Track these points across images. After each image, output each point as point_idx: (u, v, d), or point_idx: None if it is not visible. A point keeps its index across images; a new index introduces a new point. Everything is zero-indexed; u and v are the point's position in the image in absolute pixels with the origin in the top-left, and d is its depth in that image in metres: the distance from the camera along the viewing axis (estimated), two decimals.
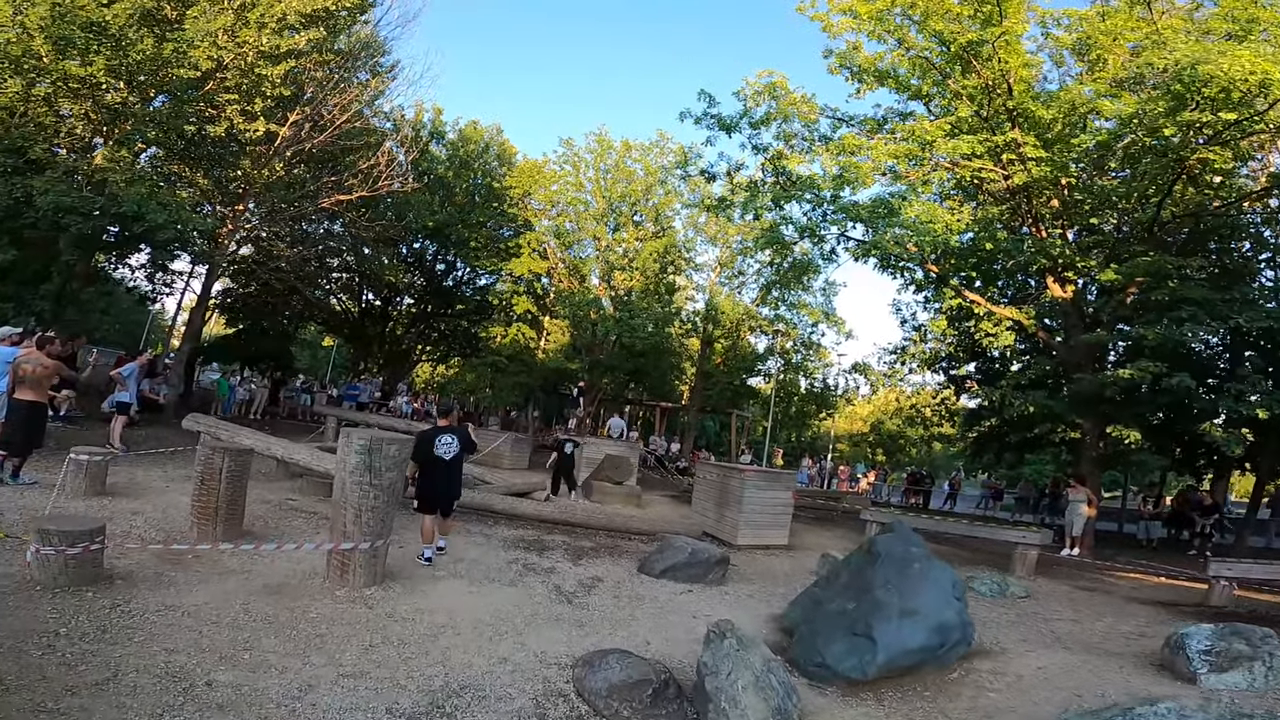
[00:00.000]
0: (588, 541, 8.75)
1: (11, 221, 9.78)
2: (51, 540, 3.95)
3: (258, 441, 8.34)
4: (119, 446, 9.71)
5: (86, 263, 11.79)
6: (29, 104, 10.65)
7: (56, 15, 9.74)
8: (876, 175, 14.73)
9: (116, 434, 9.96)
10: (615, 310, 25.27)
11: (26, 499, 6.26)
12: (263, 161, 13.33)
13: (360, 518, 4.89)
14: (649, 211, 28.04)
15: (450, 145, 26.58)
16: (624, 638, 5.04)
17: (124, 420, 10.31)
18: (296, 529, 6.82)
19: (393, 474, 5.02)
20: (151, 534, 5.76)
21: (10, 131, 10.44)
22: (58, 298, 10.83)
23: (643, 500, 13.44)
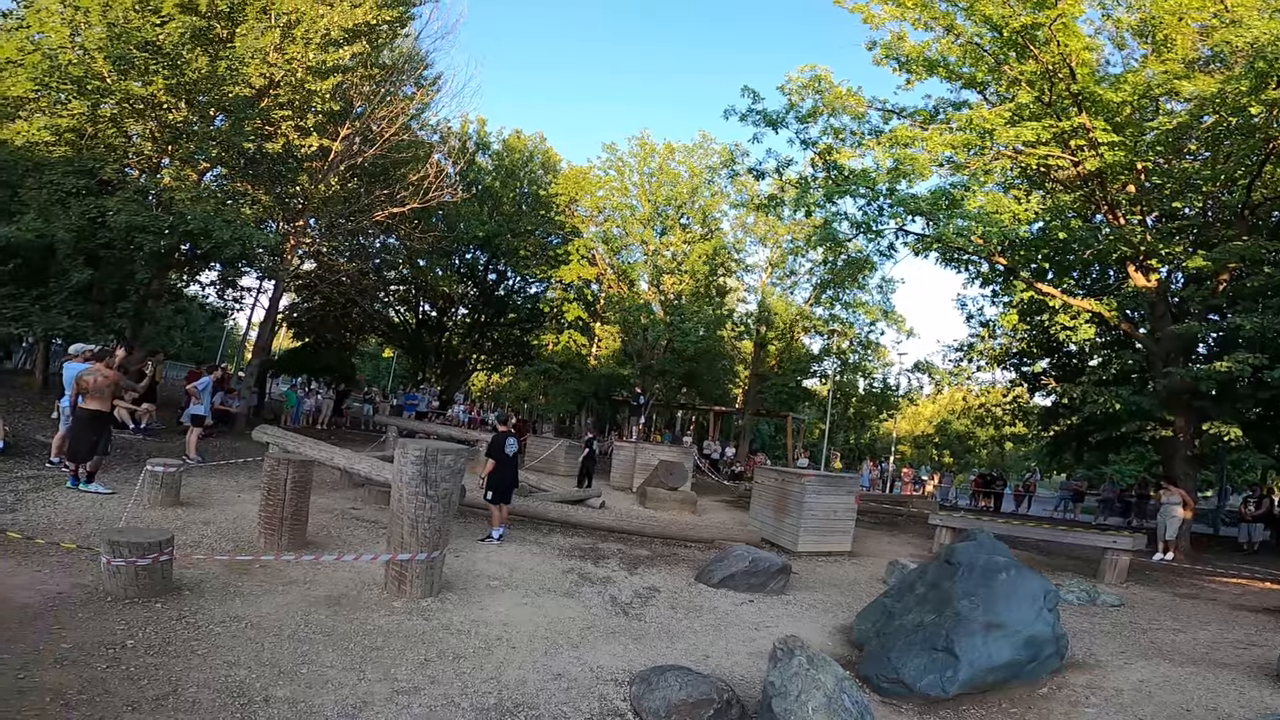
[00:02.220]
0: (643, 550, 8.60)
1: (87, 242, 10.34)
2: (122, 551, 4.06)
3: (321, 452, 8.54)
4: (194, 457, 10.14)
5: (160, 280, 12.40)
6: (97, 125, 11.22)
7: (113, 35, 10.19)
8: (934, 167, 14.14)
9: (192, 445, 10.42)
10: (665, 314, 25.14)
11: (105, 509, 6.55)
12: (319, 176, 13.78)
13: (417, 529, 4.88)
14: (696, 214, 27.81)
15: (495, 155, 27.03)
16: (682, 652, 4.87)
17: (199, 432, 10.76)
18: (358, 538, 6.92)
19: (448, 485, 5.00)
20: (221, 543, 5.92)
21: (81, 153, 11.02)
22: (135, 315, 11.40)
23: (698, 506, 13.20)
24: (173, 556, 4.34)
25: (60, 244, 9.95)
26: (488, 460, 7.67)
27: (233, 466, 9.76)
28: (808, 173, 16.82)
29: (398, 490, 4.96)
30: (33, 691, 2.90)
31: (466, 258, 27.55)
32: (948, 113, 14.81)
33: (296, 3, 11.69)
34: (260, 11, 11.46)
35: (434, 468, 4.90)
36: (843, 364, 26.16)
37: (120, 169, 11.32)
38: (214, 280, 14.34)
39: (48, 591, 4.08)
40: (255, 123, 11.91)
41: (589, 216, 28.19)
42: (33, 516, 5.98)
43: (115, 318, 10.90)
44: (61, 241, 9.88)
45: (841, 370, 26.05)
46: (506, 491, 7.84)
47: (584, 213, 28.05)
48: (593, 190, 27.67)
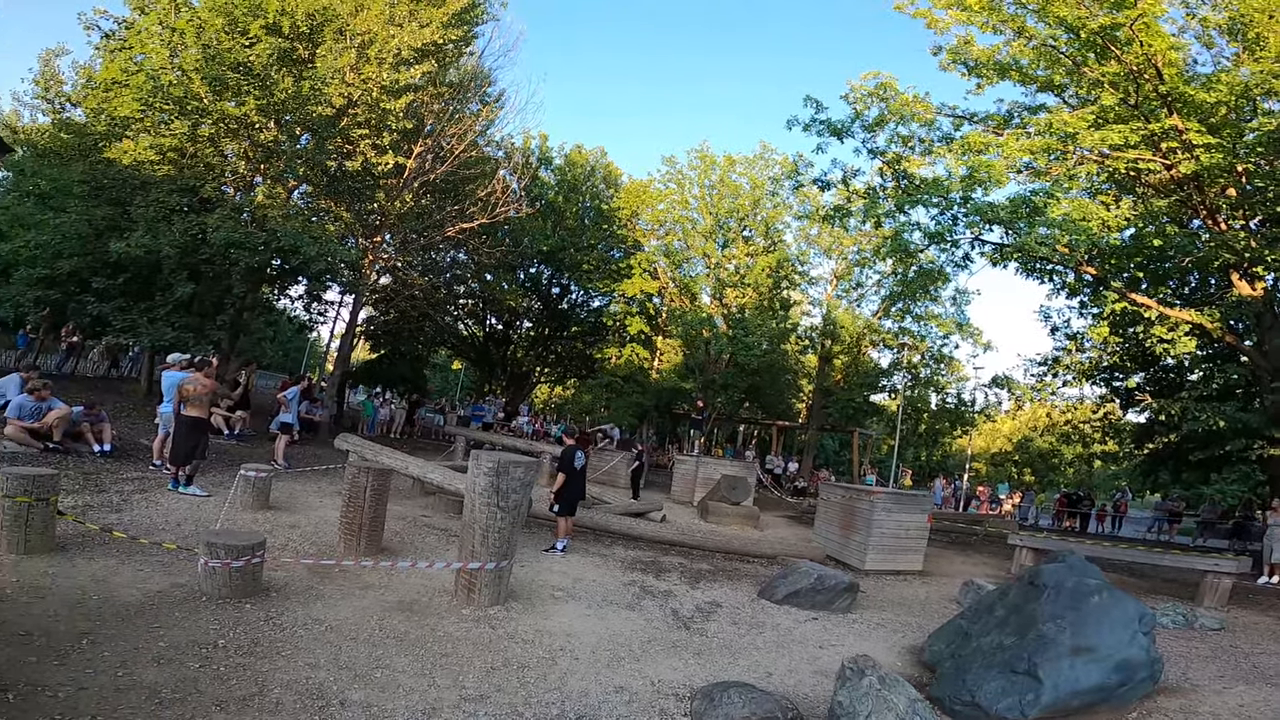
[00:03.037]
0: (705, 564, 8.54)
1: (190, 257, 11.19)
2: (218, 553, 4.37)
3: (397, 461, 8.92)
4: (282, 463, 10.77)
5: (254, 294, 13.29)
6: (196, 144, 12.09)
7: (208, 57, 10.94)
8: (1011, 173, 13.56)
9: (280, 452, 11.06)
10: (728, 328, 24.96)
11: (201, 511, 7.05)
12: (394, 193, 14.46)
13: (487, 538, 5.03)
14: (758, 226, 27.58)
15: (558, 170, 27.48)
16: (744, 668, 4.81)
17: (287, 439, 11.43)
18: (429, 545, 7.18)
19: (518, 496, 5.13)
20: (305, 547, 6.27)
21: (183, 172, 11.90)
22: (232, 327, 12.26)
23: (760, 521, 13.00)
24: (264, 559, 4.63)
25: (166, 260, 10.80)
26: (559, 475, 7.83)
27: (316, 473, 10.30)
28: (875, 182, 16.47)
29: (470, 501, 5.13)
30: (131, 690, 3.11)
31: (531, 272, 28.18)
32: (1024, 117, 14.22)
33: (370, 24, 12.34)
34: (337, 33, 12.17)
35: (505, 480, 5.04)
36: (913, 379, 25.24)
37: (218, 187, 12.20)
38: (301, 294, 15.23)
39: (148, 590, 4.43)
40: (336, 141, 12.61)
41: (650, 230, 28.40)
42: (137, 517, 6.50)
43: (214, 329, 11.74)
44: (168, 257, 10.72)
45: (912, 385, 25.13)
46: (573, 504, 8.00)
47: (645, 226, 28.27)
48: (653, 203, 27.87)
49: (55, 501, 4.92)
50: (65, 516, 5.09)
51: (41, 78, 12.68)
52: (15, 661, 3.16)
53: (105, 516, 6.27)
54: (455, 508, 9.16)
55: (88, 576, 4.52)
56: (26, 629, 3.53)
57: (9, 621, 3.56)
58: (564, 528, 7.90)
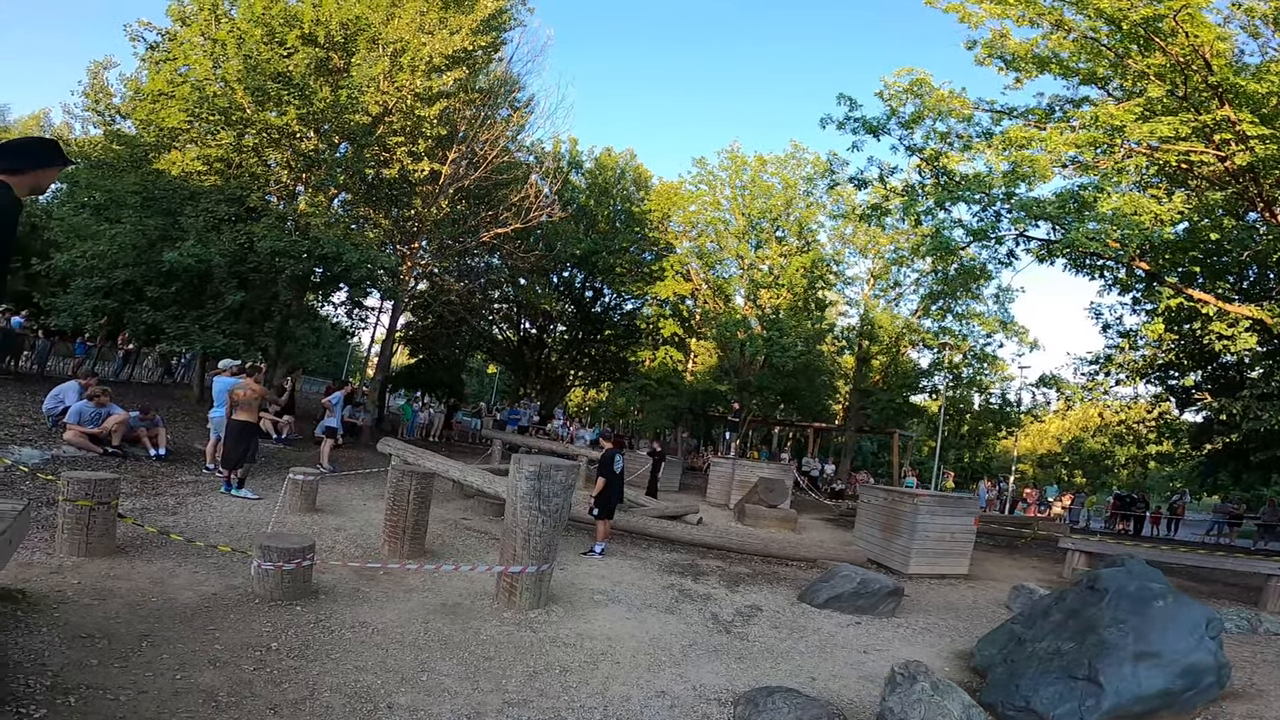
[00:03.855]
0: (743, 567, 8.46)
1: (239, 265, 11.57)
2: (271, 556, 4.49)
3: (438, 464, 9.06)
4: (327, 466, 11.03)
5: (299, 301, 13.68)
6: (241, 155, 12.46)
7: (249, 67, 11.26)
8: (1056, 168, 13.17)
9: (325, 455, 11.35)
10: (763, 329, 24.73)
11: (253, 514, 7.27)
12: (430, 200, 14.73)
13: (529, 542, 5.07)
14: (791, 226, 27.27)
15: (588, 174, 27.55)
16: (786, 673, 4.74)
17: (331, 443, 11.72)
18: (469, 548, 7.27)
19: (559, 499, 5.16)
20: (351, 549, 6.41)
21: (230, 182, 12.29)
22: (279, 334, 12.64)
23: (798, 524, 12.84)
24: (313, 562, 4.75)
25: (217, 268, 11.19)
26: (599, 478, 7.87)
27: (360, 476, 10.53)
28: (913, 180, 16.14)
29: (511, 504, 5.18)
30: (188, 693, 3.19)
31: (564, 275, 28.37)
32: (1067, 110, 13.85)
33: (401, 32, 12.59)
34: (370, 41, 12.46)
35: (546, 483, 5.07)
36: (955, 379, 24.63)
37: (263, 196, 12.58)
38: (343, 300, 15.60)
39: (204, 592, 4.57)
40: (374, 149, 12.88)
41: (682, 232, 28.31)
42: (192, 519, 6.73)
43: (263, 336, 12.12)
44: (218, 265, 11.11)
45: (954, 385, 24.53)
46: (612, 507, 8.01)
47: (677, 228, 28.19)
48: (685, 205, 27.78)
49: (115, 505, 5.12)
50: (125, 520, 5.30)
51: (91, 90, 13.22)
52: (77, 664, 3.27)
53: (162, 519, 6.50)
54: (494, 510, 9.27)
55: (147, 578, 4.70)
56: (88, 631, 3.67)
57: (71, 623, 3.71)
58: (602, 531, 7.91)
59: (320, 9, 12.01)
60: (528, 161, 19.97)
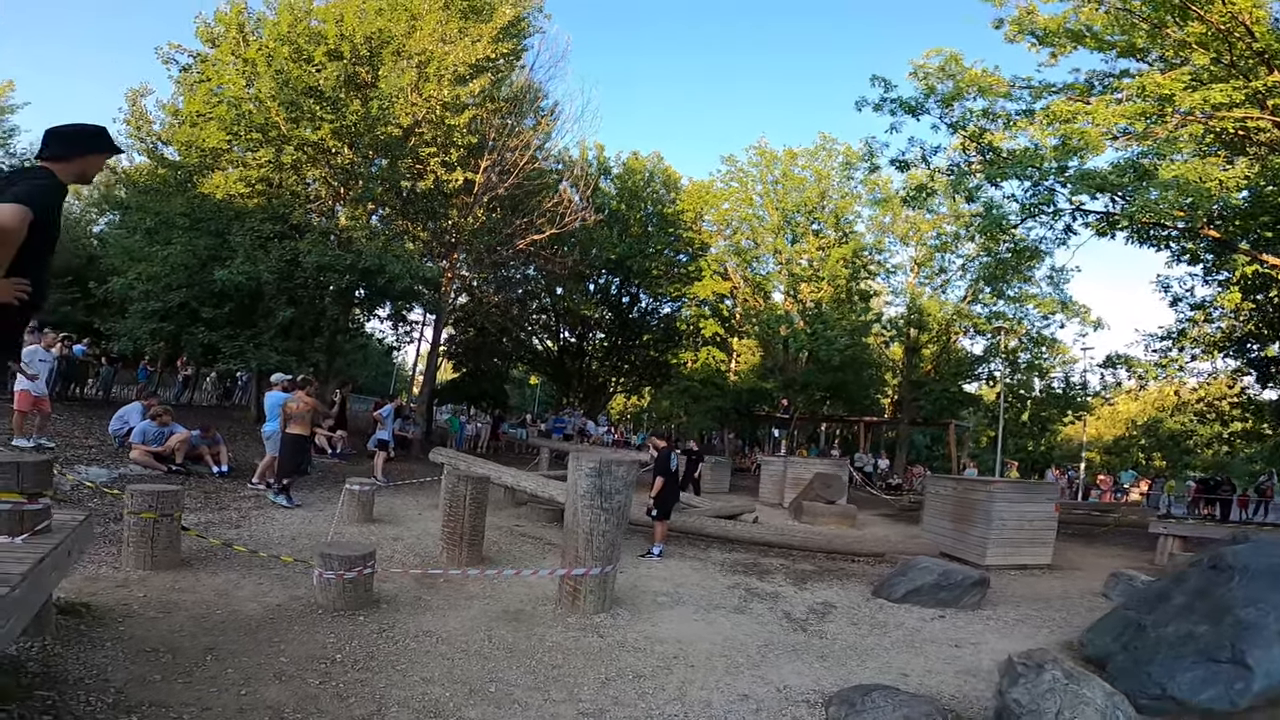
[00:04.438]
0: (808, 564, 8.12)
1: (287, 282, 11.78)
2: (332, 565, 4.39)
3: (490, 470, 8.98)
4: (381, 479, 11.08)
5: (345, 316, 13.86)
6: (281, 173, 12.68)
7: (280, 84, 11.43)
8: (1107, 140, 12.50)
9: (379, 468, 11.41)
10: (805, 324, 24.18)
11: (313, 525, 7.27)
12: (466, 210, 14.77)
13: (591, 542, 4.87)
14: (827, 218, 26.70)
15: (617, 179, 27.41)
16: (875, 670, 4.43)
17: (384, 456, 11.78)
18: (525, 554, 7.11)
19: (621, 496, 4.95)
20: (409, 558, 6.32)
21: (272, 201, 12.53)
22: (328, 349, 12.81)
23: (857, 520, 12.37)
24: (374, 570, 4.63)
25: (266, 285, 11.41)
26: (656, 478, 7.64)
27: (412, 487, 10.54)
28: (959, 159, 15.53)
29: (572, 504, 4.99)
30: (254, 709, 3.06)
31: (600, 282, 28.34)
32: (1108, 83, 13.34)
33: (423, 43, 12.72)
34: (394, 54, 12.62)
35: (608, 480, 4.87)
36: (1011, 364, 23.60)
37: (305, 213, 12.81)
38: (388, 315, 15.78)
39: (268, 603, 4.50)
40: (408, 162, 12.98)
41: (717, 231, 27.99)
42: (255, 532, 6.75)
43: (313, 351, 12.30)
44: (267, 283, 11.32)
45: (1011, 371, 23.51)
46: (669, 508, 7.80)
47: (711, 227, 27.89)
48: (717, 203, 27.47)
49: (179, 517, 5.12)
50: (189, 532, 5.30)
51: (131, 117, 13.67)
52: (142, 680, 3.18)
53: (226, 532, 6.53)
54: (548, 517, 9.13)
55: (212, 590, 4.66)
56: (153, 645, 3.60)
57: (136, 637, 3.65)
58: (661, 532, 7.68)
59: (343, 24, 12.18)
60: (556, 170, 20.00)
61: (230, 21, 12.67)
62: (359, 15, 12.41)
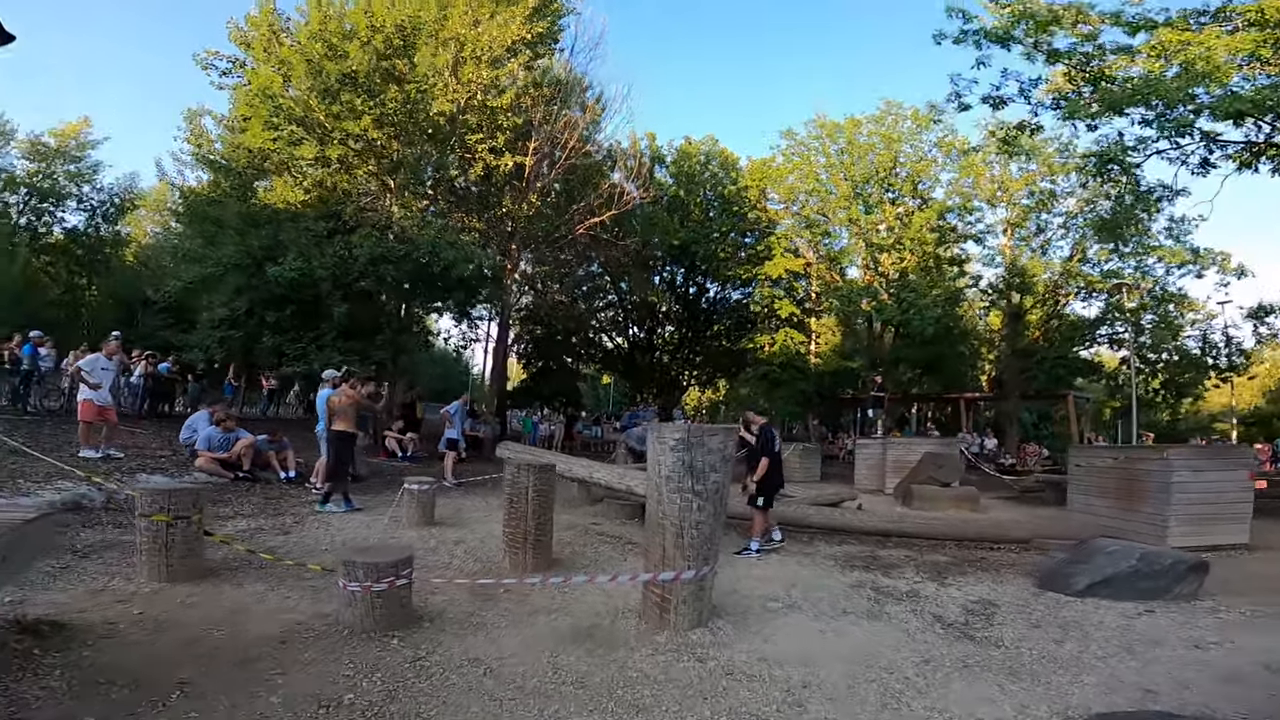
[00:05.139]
0: (938, 555, 6.78)
1: (343, 277, 11.45)
2: (356, 574, 3.51)
3: (559, 460, 8.09)
4: (451, 480, 10.44)
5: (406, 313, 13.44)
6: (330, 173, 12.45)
7: (313, 72, 11.16)
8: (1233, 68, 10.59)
9: (449, 469, 10.78)
10: (889, 297, 22.27)
11: (370, 531, 6.56)
12: (519, 196, 14.16)
13: (682, 538, 3.78)
14: (903, 185, 24.62)
15: (674, 165, 26.67)
16: (1098, 687, 3.24)
17: (454, 456, 11.16)
18: (602, 556, 6.11)
19: (718, 476, 3.86)
20: (469, 565, 5.44)
21: (325, 200, 12.29)
22: (391, 345, 12.41)
23: (980, 503, 10.76)
24: (411, 579, 3.73)
25: (322, 282, 11.09)
26: (761, 459, 6.40)
27: (483, 487, 9.83)
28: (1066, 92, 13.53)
29: (655, 489, 3.92)
30: None
31: (665, 275, 27.51)
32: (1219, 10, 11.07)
33: (456, 28, 12.30)
34: (428, 39, 12.25)
35: (700, 454, 3.77)
36: (1134, 325, 20.79)
37: (358, 209, 12.50)
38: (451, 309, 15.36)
39: (287, 621, 3.68)
40: (456, 150, 12.51)
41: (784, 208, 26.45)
42: (304, 538, 6.09)
43: (375, 350, 11.92)
44: (322, 279, 11.00)
45: (1136, 334, 20.70)
46: (773, 495, 6.60)
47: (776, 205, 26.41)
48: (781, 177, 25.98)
49: (200, 521, 4.42)
50: (215, 538, 4.60)
51: (191, 135, 13.78)
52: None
53: (272, 539, 5.90)
54: (627, 513, 8.14)
55: (227, 605, 3.90)
56: (114, 675, 2.81)
57: (99, 665, 2.87)
58: (761, 524, 6.48)
59: (373, 15, 11.90)
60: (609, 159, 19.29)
61: (261, 24, 12.58)
62: (389, 4, 12.14)
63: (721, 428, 3.94)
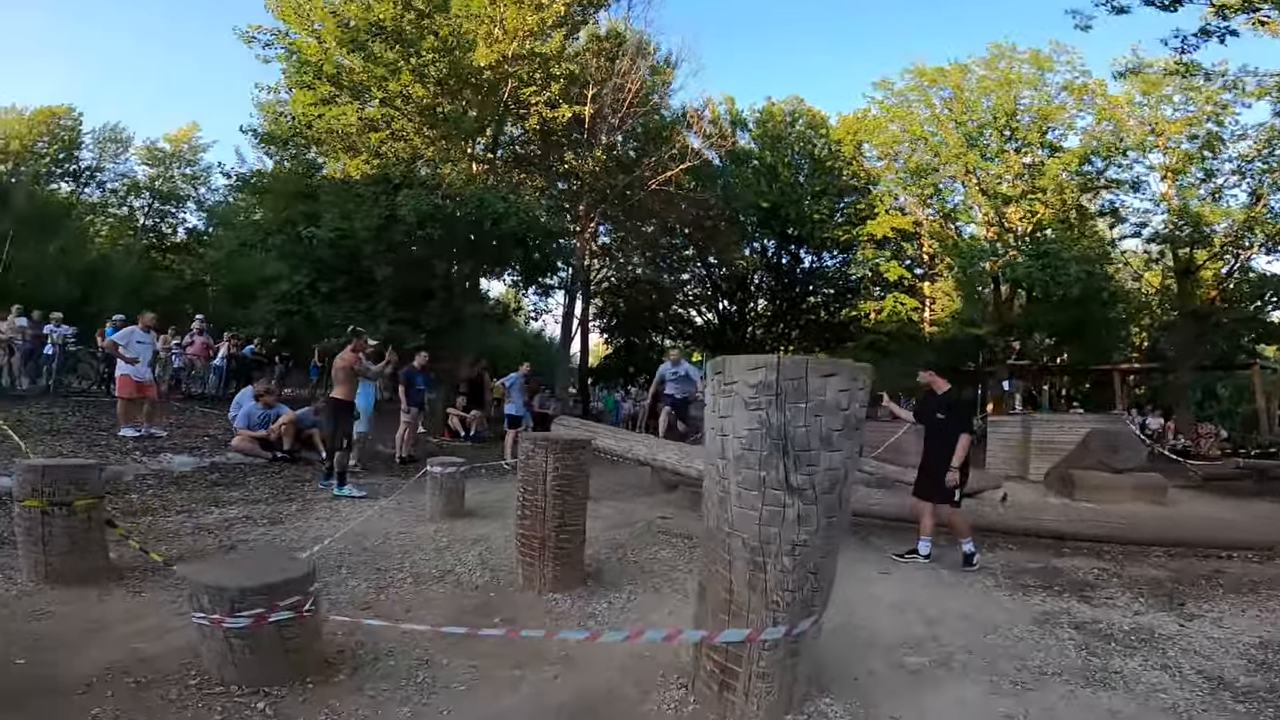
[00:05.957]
0: (1145, 567, 4.83)
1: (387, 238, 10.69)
2: (204, 601, 2.12)
3: (618, 443, 6.61)
4: (511, 461, 9.23)
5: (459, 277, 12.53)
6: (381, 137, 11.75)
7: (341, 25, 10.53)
8: None
9: (509, 449, 9.57)
10: (1019, 255, 19.15)
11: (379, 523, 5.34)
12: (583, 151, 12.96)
13: (763, 570, 2.11)
14: (1029, 132, 21.14)
15: (757, 128, 24.91)
16: None
17: (513, 435, 9.98)
18: (659, 569, 4.41)
19: (839, 455, 2.12)
20: (476, 574, 4.03)
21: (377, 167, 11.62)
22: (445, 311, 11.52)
23: (1168, 493, 8.35)
24: (312, 610, 2.32)
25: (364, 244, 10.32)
26: (960, 435, 4.68)
27: None
28: None
29: (714, 479, 2.27)
30: None
31: (755, 244, 25.58)
32: None
33: None
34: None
35: (800, 411, 2.05)
36: None
37: (407, 170, 11.71)
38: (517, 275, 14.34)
39: (148, 655, 2.38)
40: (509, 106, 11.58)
41: (885, 164, 23.61)
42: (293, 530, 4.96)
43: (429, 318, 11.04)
44: (364, 240, 10.18)
45: None
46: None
47: (876, 163, 23.64)
48: (880, 127, 23.17)
49: (91, 507, 3.23)
50: (117, 530, 3.43)
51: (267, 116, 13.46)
52: None
53: (251, 531, 4.81)
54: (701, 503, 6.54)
55: (85, 623, 2.70)
56: None
57: None
58: (964, 526, 4.72)
59: None
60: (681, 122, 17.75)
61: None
62: None
63: (843, 364, 2.16)
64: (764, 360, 2.01)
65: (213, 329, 14.21)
